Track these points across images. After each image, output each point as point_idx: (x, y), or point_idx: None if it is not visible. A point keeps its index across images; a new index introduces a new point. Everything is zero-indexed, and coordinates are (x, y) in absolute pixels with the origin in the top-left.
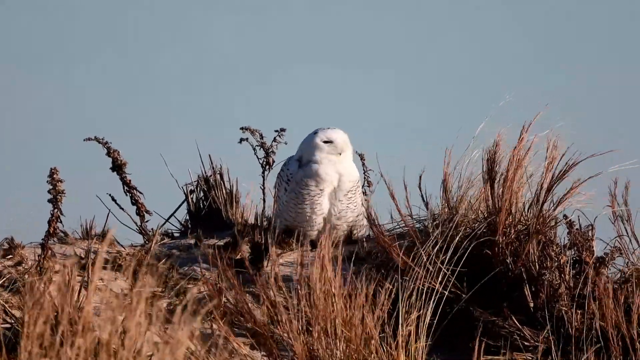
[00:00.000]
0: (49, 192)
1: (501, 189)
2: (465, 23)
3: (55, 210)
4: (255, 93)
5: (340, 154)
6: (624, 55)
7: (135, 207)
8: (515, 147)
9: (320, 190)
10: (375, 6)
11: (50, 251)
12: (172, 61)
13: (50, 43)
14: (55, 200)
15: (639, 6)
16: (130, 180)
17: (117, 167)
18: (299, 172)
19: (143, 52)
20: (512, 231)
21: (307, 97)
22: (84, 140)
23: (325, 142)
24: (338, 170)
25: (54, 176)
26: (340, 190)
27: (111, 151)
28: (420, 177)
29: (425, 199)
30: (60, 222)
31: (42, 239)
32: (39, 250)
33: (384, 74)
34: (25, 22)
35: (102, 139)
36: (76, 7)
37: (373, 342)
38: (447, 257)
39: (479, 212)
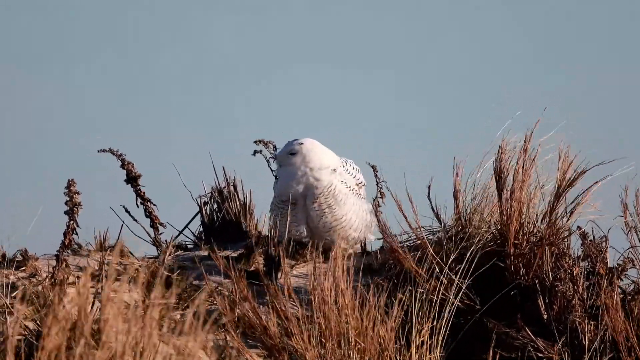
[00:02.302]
0: (65, 203)
1: (510, 200)
2: (465, 23)
3: (71, 222)
4: (255, 93)
5: (311, 164)
6: (624, 55)
7: (149, 219)
8: (519, 157)
9: (293, 204)
10: (375, 6)
11: (65, 263)
12: (172, 61)
13: (50, 43)
14: (71, 212)
15: (639, 6)
16: (144, 193)
17: (132, 179)
18: (275, 187)
19: (143, 52)
20: (525, 242)
21: (307, 97)
22: (99, 151)
23: (291, 154)
24: (304, 182)
25: (71, 188)
26: (307, 198)
27: (126, 163)
28: (429, 187)
29: (435, 210)
30: (76, 234)
31: (57, 251)
32: (52, 262)
33: (384, 74)
34: (25, 22)
35: (117, 150)
36: (76, 7)
37: (387, 353)
38: (461, 269)
39: (492, 223)
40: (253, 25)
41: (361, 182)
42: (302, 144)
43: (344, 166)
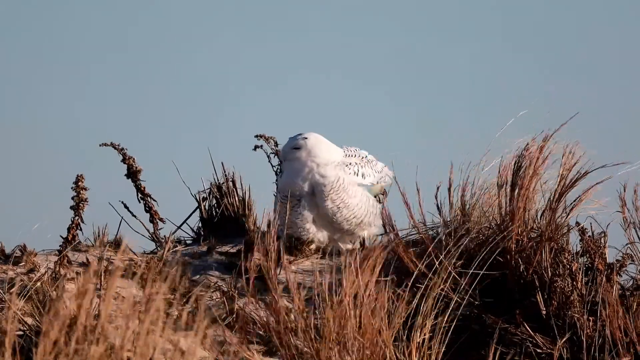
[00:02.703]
0: (72, 198)
1: (517, 197)
2: (469, 22)
3: (76, 217)
4: (255, 90)
5: (317, 159)
6: (626, 56)
7: (148, 214)
8: (538, 158)
9: (297, 200)
10: (377, 11)
11: (67, 258)
12: (172, 58)
13: (50, 43)
14: (77, 207)
15: None
16: (144, 188)
17: (132, 174)
18: (279, 183)
19: (144, 49)
20: (525, 239)
21: (308, 96)
22: (100, 145)
23: (295, 148)
24: (309, 178)
25: (79, 183)
26: (317, 196)
27: (127, 158)
28: (437, 187)
29: (439, 207)
30: (80, 229)
31: (60, 246)
32: (51, 258)
33: (386, 73)
34: (30, 20)
35: (118, 145)
36: (77, 7)
37: (387, 349)
38: (461, 265)
39: (492, 219)
40: (258, 31)
41: (363, 157)
42: (306, 138)
43: (345, 154)
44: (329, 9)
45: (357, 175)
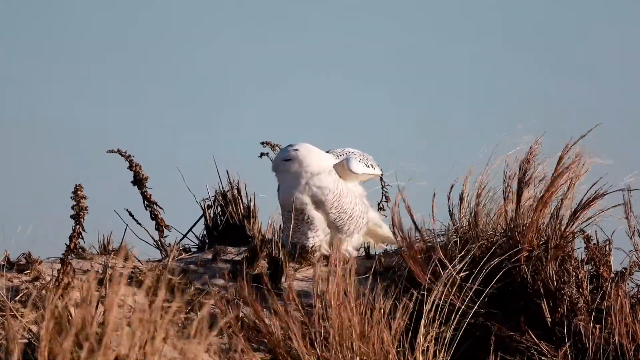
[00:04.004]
0: (72, 208)
1: (533, 208)
2: (467, 25)
3: (77, 226)
4: (259, 96)
5: (309, 169)
6: (626, 56)
7: (154, 222)
8: (555, 170)
9: (301, 212)
10: (377, 11)
11: (70, 266)
12: (176, 64)
13: (50, 43)
14: (77, 216)
15: None
16: (150, 195)
17: (139, 181)
18: (278, 196)
19: (147, 54)
20: (536, 247)
21: (311, 101)
22: (107, 152)
23: (286, 160)
24: (307, 191)
25: (78, 192)
26: (320, 206)
27: (133, 165)
28: (451, 187)
29: (450, 210)
30: (82, 238)
31: (62, 254)
32: (56, 266)
33: (388, 75)
34: (32, 22)
35: (125, 152)
36: (77, 7)
37: (390, 356)
38: (467, 272)
39: (498, 226)
40: (258, 31)
41: (350, 152)
42: (297, 150)
43: (335, 156)
44: (329, 9)
45: (369, 167)
